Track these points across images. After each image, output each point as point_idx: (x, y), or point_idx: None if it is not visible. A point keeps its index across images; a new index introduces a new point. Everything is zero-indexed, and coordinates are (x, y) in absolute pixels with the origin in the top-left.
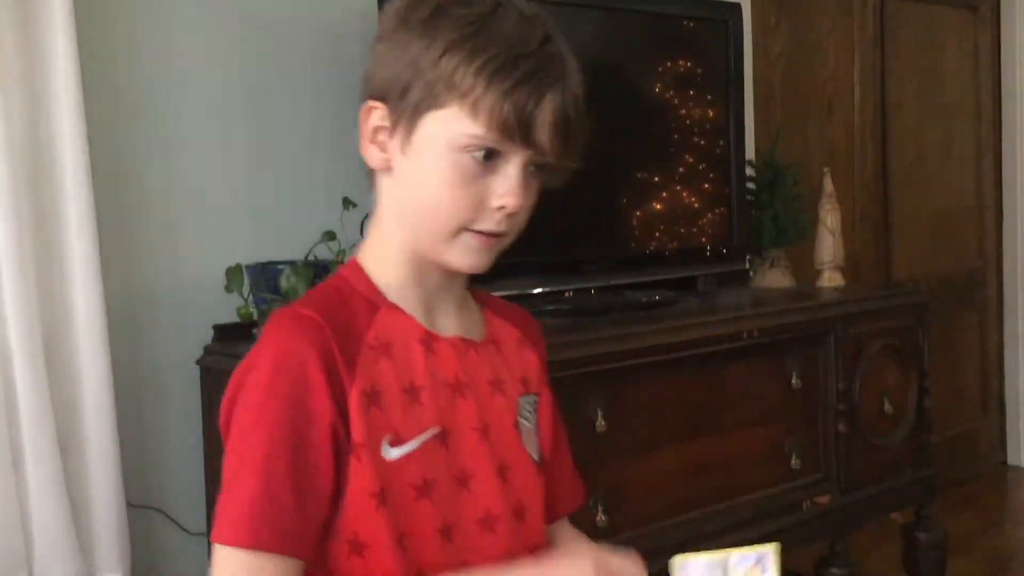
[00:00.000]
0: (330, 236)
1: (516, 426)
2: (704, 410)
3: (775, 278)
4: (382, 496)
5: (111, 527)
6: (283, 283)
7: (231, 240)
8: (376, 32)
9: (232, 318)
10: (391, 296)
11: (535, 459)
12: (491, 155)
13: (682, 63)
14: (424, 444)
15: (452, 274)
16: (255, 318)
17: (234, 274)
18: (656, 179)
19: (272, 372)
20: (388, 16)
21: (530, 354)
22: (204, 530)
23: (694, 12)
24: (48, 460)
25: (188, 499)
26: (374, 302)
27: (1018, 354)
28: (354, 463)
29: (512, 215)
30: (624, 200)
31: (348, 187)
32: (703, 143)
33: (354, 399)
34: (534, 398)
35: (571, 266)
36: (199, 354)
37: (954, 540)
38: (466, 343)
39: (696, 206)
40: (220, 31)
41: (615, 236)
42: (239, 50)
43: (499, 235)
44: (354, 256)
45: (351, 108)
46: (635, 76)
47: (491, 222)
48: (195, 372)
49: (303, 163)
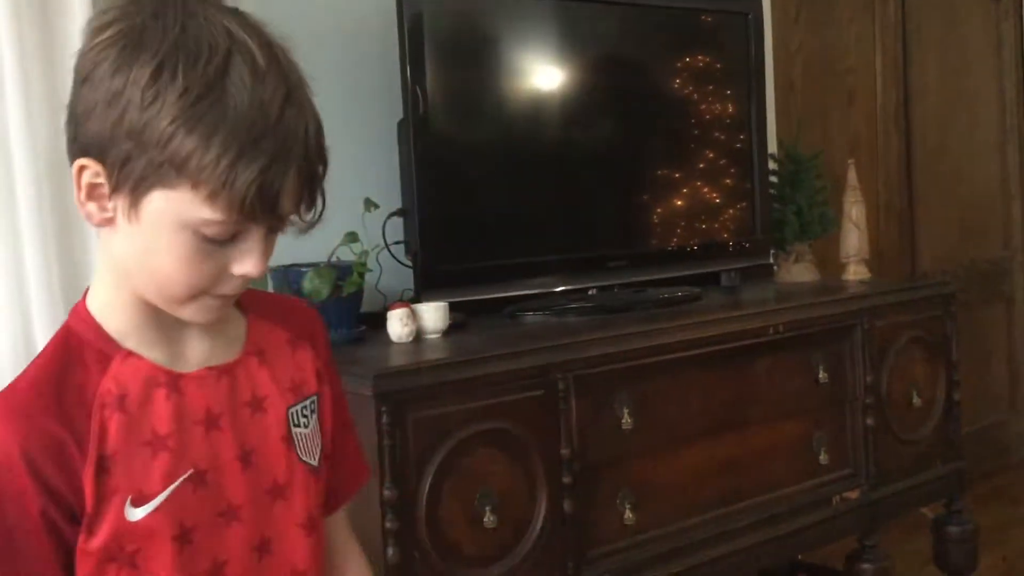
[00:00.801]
0: (352, 237)
1: (286, 439)
2: (731, 406)
3: (800, 272)
4: (128, 560)
5: None
6: (306, 285)
7: None
8: (79, 62)
9: None
10: (127, 343)
11: (313, 465)
12: (225, 238)
13: (702, 58)
14: (176, 492)
15: None
16: None
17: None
18: (678, 175)
19: None
20: (93, 51)
21: (304, 353)
22: None
23: (714, 6)
24: None
25: None
26: (106, 352)
27: None
28: (85, 536)
29: (258, 278)
30: (646, 196)
31: (370, 189)
32: (724, 138)
33: (88, 476)
34: (311, 400)
35: (594, 263)
36: None
37: (984, 533)
38: (218, 371)
39: (718, 201)
40: None
41: (638, 233)
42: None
43: (236, 294)
44: (83, 301)
45: (372, 111)
46: (655, 72)
47: (232, 287)
48: None
49: None
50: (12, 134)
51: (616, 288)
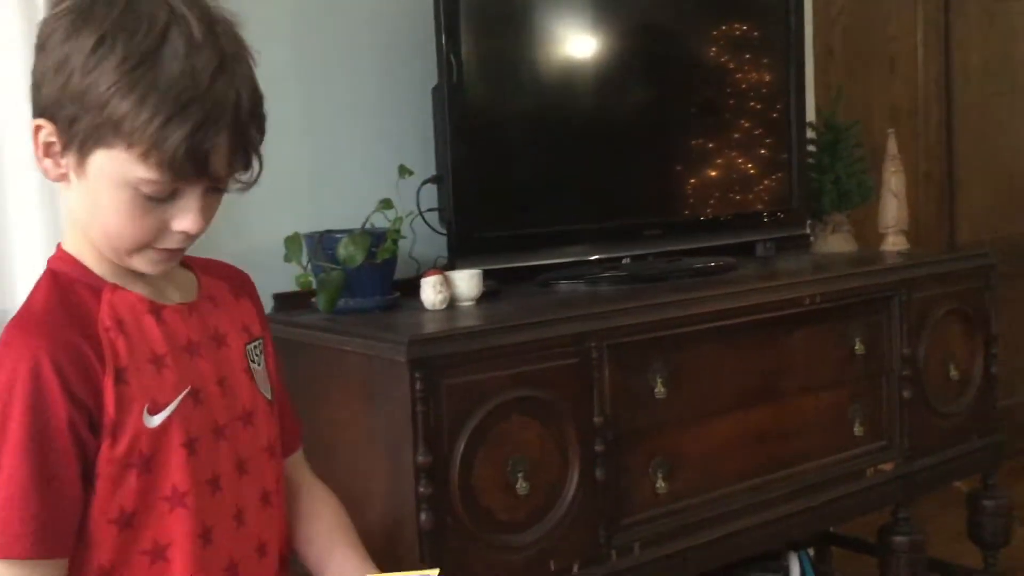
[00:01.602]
0: (387, 204)
1: (247, 371)
2: (765, 377)
3: (837, 243)
4: (144, 465)
5: None
6: (341, 252)
7: (289, 210)
8: (39, 29)
9: (291, 287)
10: (110, 277)
11: (269, 399)
12: (162, 196)
13: (738, 25)
14: (182, 403)
15: None
16: (313, 286)
17: (292, 244)
18: (714, 144)
19: (7, 389)
20: (50, 21)
21: (245, 303)
22: None
23: None
24: None
25: None
26: (95, 286)
27: None
28: (108, 443)
29: (197, 235)
30: (682, 165)
31: (404, 155)
32: (762, 106)
33: (108, 385)
34: (259, 343)
35: (628, 232)
36: None
37: (1019, 508)
38: (188, 307)
39: (755, 170)
40: (277, 3)
41: (673, 202)
42: (295, 22)
43: (181, 248)
44: (59, 245)
45: (406, 77)
46: (692, 40)
47: (173, 242)
48: None
49: (359, 133)
50: None
51: (650, 257)
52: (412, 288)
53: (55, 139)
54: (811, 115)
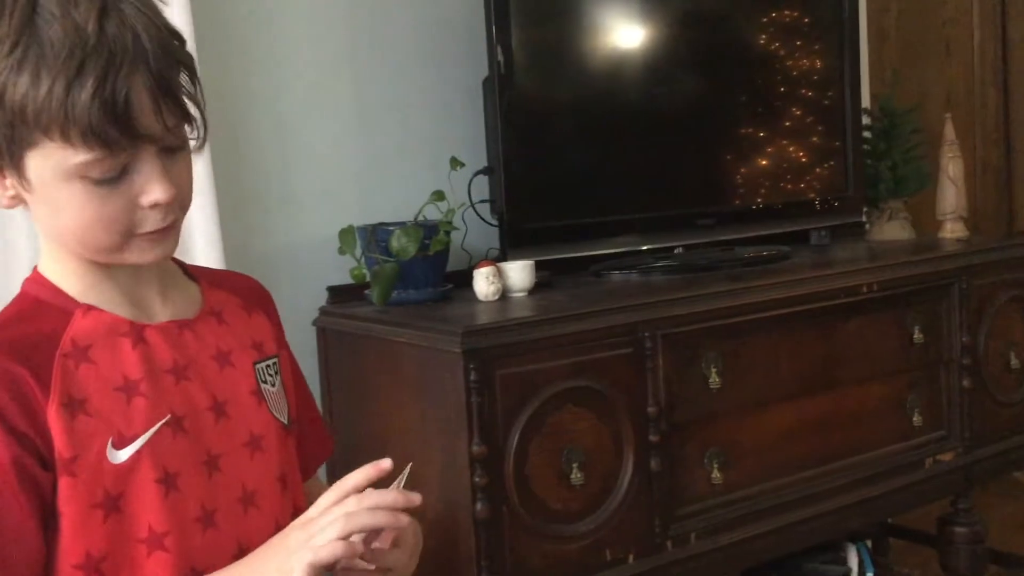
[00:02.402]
0: (439, 196)
1: (256, 393)
2: (821, 366)
3: (893, 230)
4: (111, 504)
5: None
6: (394, 244)
7: (343, 203)
8: None
9: (345, 279)
10: (85, 299)
11: (284, 423)
12: (113, 173)
13: (790, 11)
14: (156, 436)
15: (142, 265)
16: (367, 279)
17: (346, 236)
18: (766, 131)
19: None
20: None
21: (259, 319)
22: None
23: None
24: None
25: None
26: (65, 308)
27: None
28: (66, 480)
29: (172, 203)
30: (733, 154)
31: (455, 147)
32: (814, 93)
33: (53, 415)
34: (274, 361)
35: (680, 222)
36: (315, 315)
37: None
38: (179, 324)
39: (809, 157)
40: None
41: (724, 191)
42: (347, 17)
43: (168, 227)
44: (35, 268)
45: (457, 70)
46: (743, 27)
47: (153, 222)
48: (311, 333)
49: (410, 126)
50: None
51: (703, 247)
52: (464, 280)
53: None
54: (866, 101)
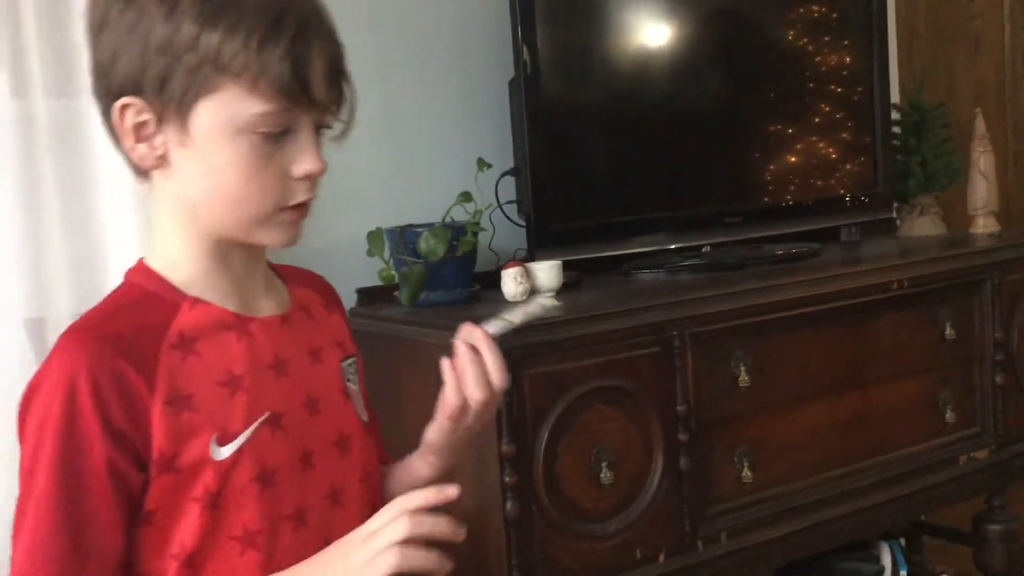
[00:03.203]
0: (466, 197)
1: (344, 391)
2: (852, 363)
3: (925, 226)
4: (210, 500)
5: None
6: (422, 245)
7: (371, 206)
8: (90, 17)
9: (374, 281)
10: (192, 291)
11: (365, 421)
12: (281, 129)
13: (817, 8)
14: (257, 433)
15: (255, 253)
16: (396, 280)
17: (375, 238)
18: (794, 128)
19: (47, 405)
20: (96, 4)
21: (338, 317)
22: None
23: None
24: None
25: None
26: (172, 300)
27: None
28: (166, 478)
29: (320, 176)
30: (760, 152)
31: (482, 148)
32: (843, 89)
33: (157, 413)
34: (354, 359)
35: (708, 220)
36: None
37: None
38: (280, 319)
39: (838, 153)
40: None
41: (752, 189)
42: (373, 19)
43: (306, 203)
44: (139, 260)
45: (483, 71)
46: (770, 24)
47: (301, 193)
48: None
49: (437, 127)
50: None
51: (731, 245)
52: (492, 280)
53: (147, 115)
54: (895, 96)
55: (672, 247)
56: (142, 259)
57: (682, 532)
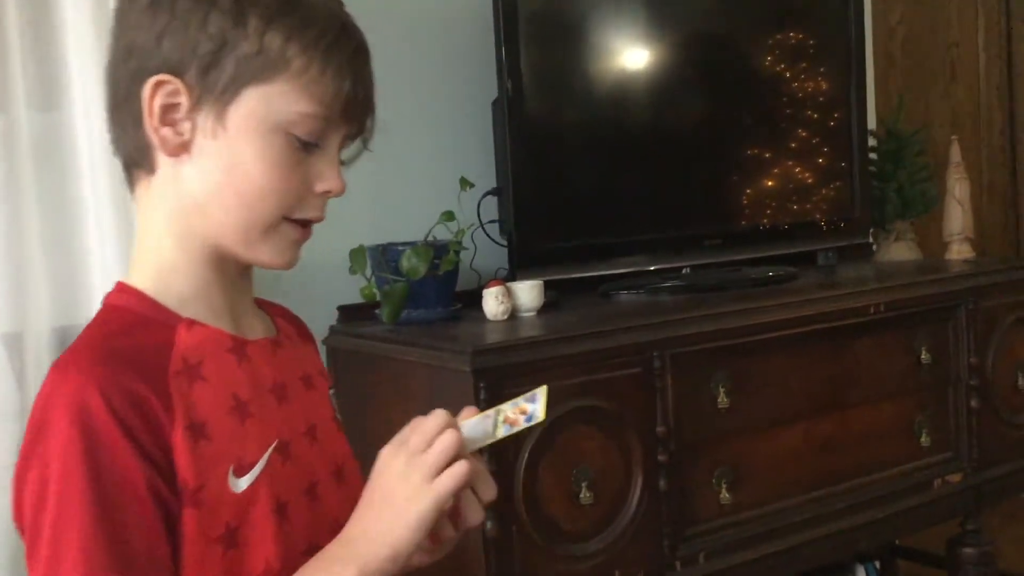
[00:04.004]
0: (449, 216)
1: (336, 420)
2: (829, 386)
3: (900, 251)
4: (230, 539)
5: None
6: (404, 263)
7: (354, 223)
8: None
9: (355, 299)
10: (186, 312)
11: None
12: (315, 138)
13: (796, 35)
14: (269, 463)
15: (245, 272)
16: (377, 298)
17: (357, 256)
18: (773, 153)
19: (61, 444)
20: None
21: (312, 348)
22: None
23: None
24: None
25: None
26: (166, 322)
27: None
28: (190, 512)
29: (338, 196)
30: (740, 175)
31: (465, 168)
32: (821, 115)
33: (179, 440)
34: (333, 391)
35: (688, 242)
36: (325, 334)
37: None
38: (272, 342)
39: (816, 179)
40: None
41: (732, 212)
42: None
43: (311, 223)
44: (119, 282)
45: (466, 91)
46: (751, 50)
47: (314, 209)
48: (322, 352)
49: (420, 146)
50: None
51: (710, 267)
52: (474, 299)
53: (181, 97)
54: (872, 123)
55: (652, 268)
56: (122, 281)
57: (661, 553)
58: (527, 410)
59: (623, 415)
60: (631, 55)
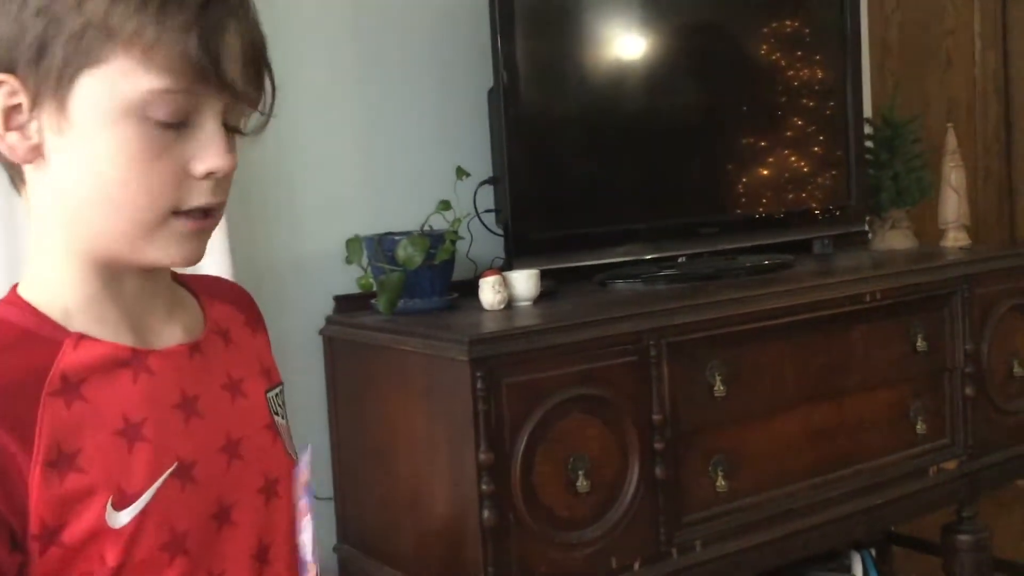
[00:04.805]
0: (445, 205)
1: (271, 427)
2: (825, 374)
3: (896, 239)
4: None
5: None
6: (400, 253)
7: (349, 213)
8: None
9: (352, 289)
10: (75, 324)
11: (294, 459)
12: (177, 114)
13: (791, 23)
14: (162, 489)
15: (155, 277)
16: (374, 288)
17: (353, 246)
18: (769, 141)
19: None
20: None
21: (262, 338)
22: (331, 495)
23: None
24: None
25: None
26: (51, 337)
27: None
28: (54, 552)
29: (221, 181)
30: (736, 164)
31: (461, 157)
32: (817, 103)
33: (36, 479)
34: (281, 389)
35: (684, 231)
36: (321, 324)
37: None
38: (188, 348)
39: (810, 167)
40: (334, 7)
41: (728, 200)
42: (352, 26)
43: (211, 211)
44: (12, 288)
45: (462, 80)
46: (747, 38)
47: (201, 195)
48: (318, 342)
49: (416, 136)
50: None
51: (706, 256)
52: (470, 289)
53: (20, 96)
54: (868, 111)
55: (648, 257)
56: (15, 287)
57: (657, 541)
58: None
59: (619, 403)
60: (626, 44)
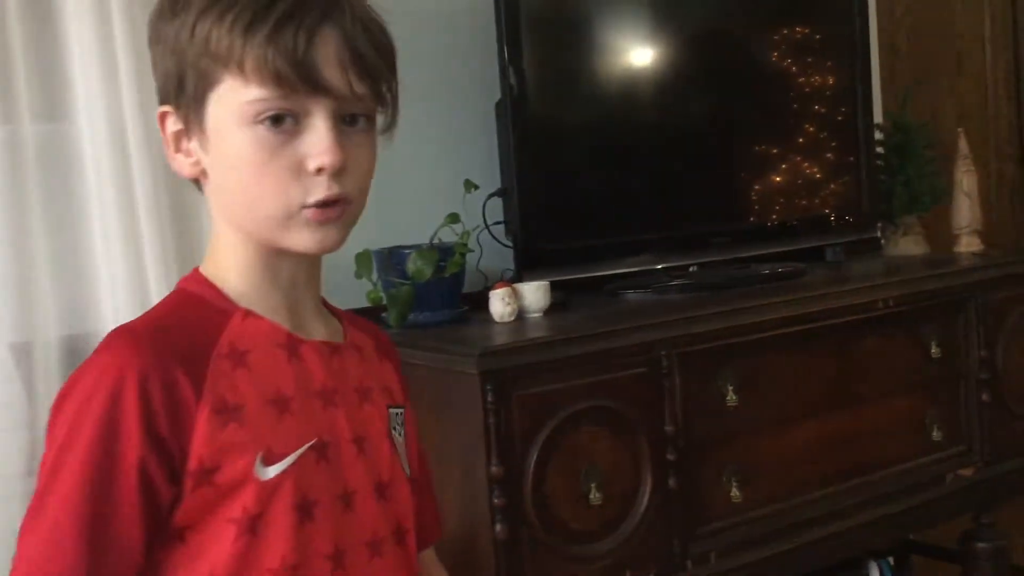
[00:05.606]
0: (454, 219)
1: (389, 437)
2: (839, 382)
3: (909, 245)
4: (247, 523)
5: None
6: (410, 266)
7: (359, 227)
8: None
9: (362, 303)
10: (244, 303)
11: (408, 475)
12: (280, 118)
13: (801, 29)
14: (301, 459)
15: (307, 271)
16: (384, 302)
17: (362, 260)
18: (779, 148)
19: (87, 402)
20: (152, 19)
21: (389, 365)
22: None
23: None
24: None
25: None
26: (225, 310)
27: None
28: (202, 492)
29: (341, 175)
30: (747, 172)
31: (469, 170)
32: (827, 109)
33: (203, 421)
34: (402, 410)
35: (694, 240)
36: None
37: None
38: (331, 347)
39: (823, 174)
40: None
41: (739, 209)
42: None
43: (338, 202)
44: (194, 269)
45: (470, 93)
46: (756, 46)
47: (320, 189)
48: None
49: (425, 149)
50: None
51: (717, 265)
52: (480, 301)
53: (180, 123)
54: (879, 117)
55: (659, 267)
56: (197, 268)
57: (671, 552)
58: None
59: (632, 415)
60: (634, 53)
